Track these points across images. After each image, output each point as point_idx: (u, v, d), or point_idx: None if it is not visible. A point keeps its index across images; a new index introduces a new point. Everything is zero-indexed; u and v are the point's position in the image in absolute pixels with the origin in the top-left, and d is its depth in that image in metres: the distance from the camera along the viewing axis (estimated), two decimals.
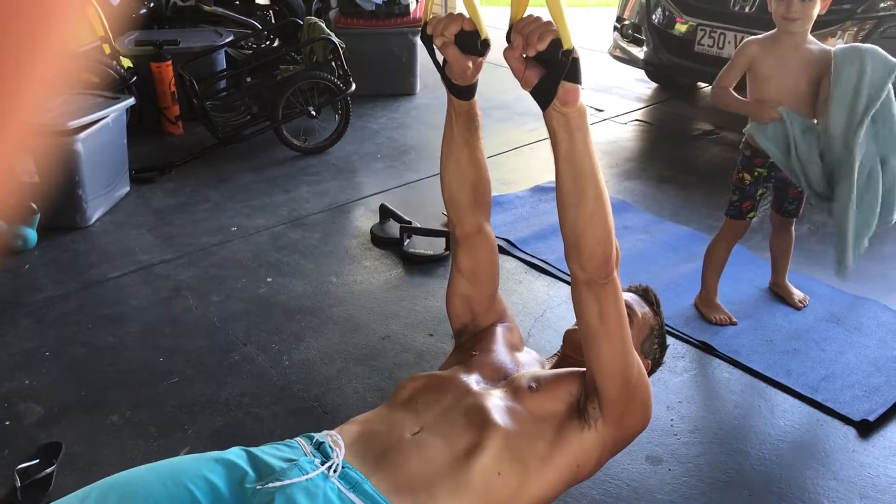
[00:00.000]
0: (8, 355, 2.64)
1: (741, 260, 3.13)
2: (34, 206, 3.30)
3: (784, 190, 2.75)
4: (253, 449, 1.42)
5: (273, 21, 5.75)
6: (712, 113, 5.10)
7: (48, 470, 2.09)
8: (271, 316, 2.89)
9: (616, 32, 5.12)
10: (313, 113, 4.35)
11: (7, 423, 2.32)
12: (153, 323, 2.84)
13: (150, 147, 4.39)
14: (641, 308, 1.81)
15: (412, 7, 5.31)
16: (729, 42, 4.18)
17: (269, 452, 1.41)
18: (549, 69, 1.25)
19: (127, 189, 3.87)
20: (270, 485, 1.29)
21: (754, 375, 2.56)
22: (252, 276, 3.16)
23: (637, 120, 5.03)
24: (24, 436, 2.27)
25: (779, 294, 2.97)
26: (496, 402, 1.51)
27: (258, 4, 5.88)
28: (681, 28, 4.46)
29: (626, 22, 4.96)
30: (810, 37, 2.53)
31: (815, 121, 2.50)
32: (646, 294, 1.88)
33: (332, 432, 1.46)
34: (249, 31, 5.27)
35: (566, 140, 1.29)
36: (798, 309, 2.89)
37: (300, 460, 1.36)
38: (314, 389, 2.49)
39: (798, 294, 2.94)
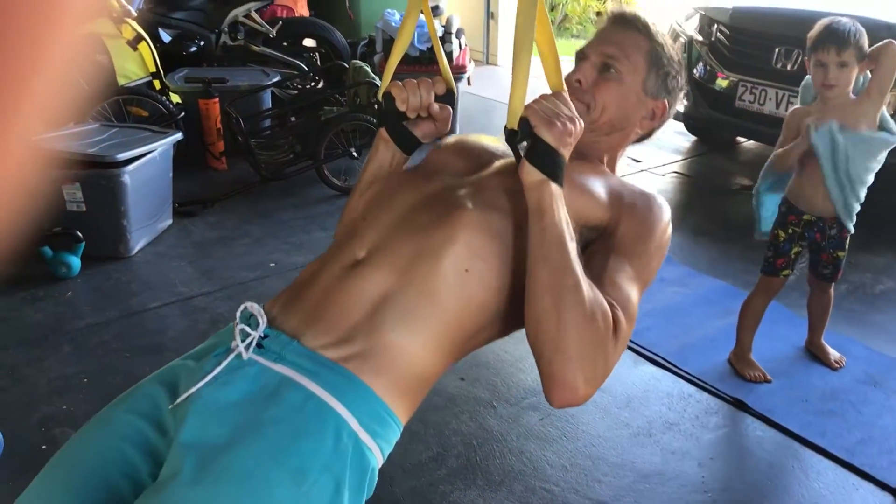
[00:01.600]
0: (47, 380, 2.69)
1: (777, 317, 3.10)
2: (79, 234, 3.38)
3: (818, 253, 2.74)
4: (177, 362, 1.27)
5: (319, 63, 5.87)
6: (752, 168, 5.09)
7: None
8: None
9: None
10: (355, 154, 4.42)
11: (44, 447, 2.36)
12: None
13: (194, 181, 4.48)
14: (633, 50, 1.38)
15: (455, 54, 5.40)
16: (770, 98, 4.19)
17: (191, 356, 1.25)
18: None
19: (170, 222, 3.95)
20: (179, 399, 1.12)
21: (788, 435, 2.52)
22: None
23: (675, 172, 5.03)
24: None
25: (815, 353, 2.93)
26: (472, 190, 1.28)
27: (305, 47, 6.02)
28: (722, 83, 4.48)
29: None
30: (852, 96, 2.53)
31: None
32: (626, 19, 1.41)
33: (255, 304, 1.23)
34: (296, 73, 5.40)
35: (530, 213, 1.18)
36: (834, 369, 2.85)
37: (209, 356, 1.16)
38: None
39: (835, 354, 2.90)
